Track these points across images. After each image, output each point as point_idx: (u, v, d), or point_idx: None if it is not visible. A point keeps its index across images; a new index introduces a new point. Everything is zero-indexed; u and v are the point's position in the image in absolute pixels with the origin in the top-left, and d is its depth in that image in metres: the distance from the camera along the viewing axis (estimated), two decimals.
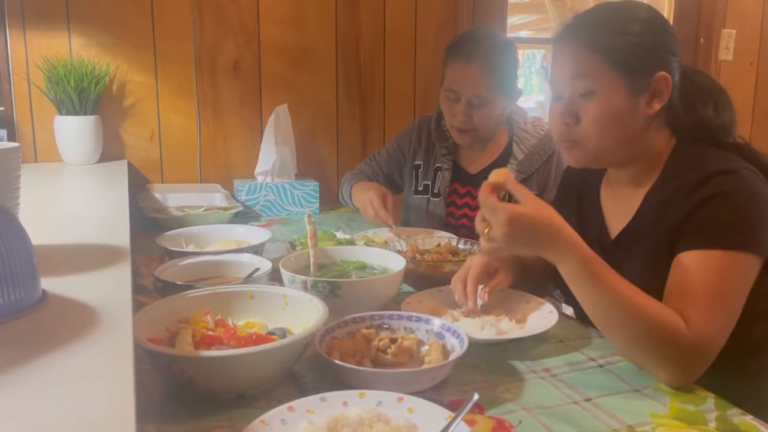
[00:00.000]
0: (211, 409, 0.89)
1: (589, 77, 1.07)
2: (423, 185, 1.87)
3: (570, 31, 1.10)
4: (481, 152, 1.81)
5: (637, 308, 0.95)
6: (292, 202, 2.16)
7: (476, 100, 1.65)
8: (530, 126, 1.77)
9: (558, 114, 1.12)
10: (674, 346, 0.94)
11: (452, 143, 1.83)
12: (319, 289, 1.13)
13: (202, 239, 1.50)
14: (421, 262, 1.34)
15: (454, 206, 1.83)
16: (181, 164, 2.20)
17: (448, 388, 0.96)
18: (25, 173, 1.86)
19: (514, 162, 1.73)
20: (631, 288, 0.97)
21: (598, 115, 1.07)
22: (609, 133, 1.08)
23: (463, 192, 1.83)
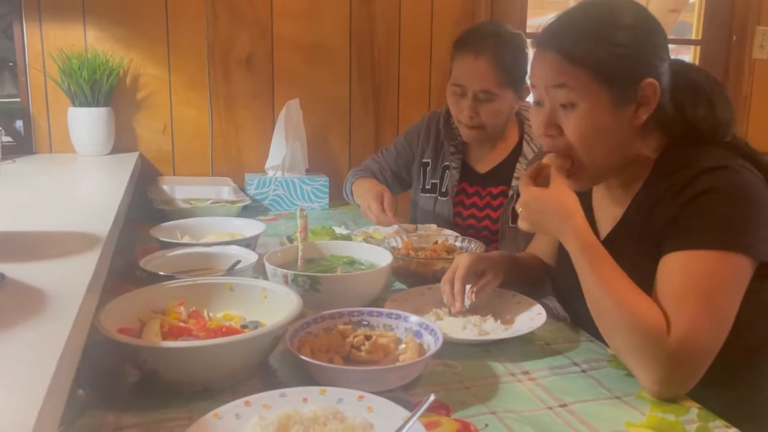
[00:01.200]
0: (174, 401, 0.88)
1: (571, 89, 1.00)
2: (431, 184, 1.82)
3: (550, 39, 1.03)
4: (490, 151, 1.75)
5: (623, 302, 0.92)
6: (302, 197, 2.15)
7: (483, 95, 1.61)
8: None
9: (540, 124, 1.06)
10: (656, 350, 0.89)
11: (461, 141, 1.76)
12: (299, 283, 1.11)
13: (198, 231, 1.50)
14: (412, 260, 1.32)
15: (462, 206, 1.77)
16: (193, 157, 2.21)
17: (419, 388, 0.93)
18: (39, 163, 1.91)
19: (524, 161, 1.67)
20: (626, 283, 0.94)
21: (580, 129, 1.01)
22: (594, 148, 1.02)
23: (471, 192, 1.77)
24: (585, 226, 0.99)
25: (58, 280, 0.82)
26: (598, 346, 1.08)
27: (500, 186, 1.72)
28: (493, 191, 1.73)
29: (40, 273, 0.85)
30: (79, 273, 0.84)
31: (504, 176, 1.71)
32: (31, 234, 1.06)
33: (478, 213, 1.76)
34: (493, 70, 1.59)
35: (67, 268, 0.88)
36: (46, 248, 0.98)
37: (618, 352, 0.97)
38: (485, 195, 1.74)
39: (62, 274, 0.85)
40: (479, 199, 1.76)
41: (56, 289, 0.79)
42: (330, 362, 0.96)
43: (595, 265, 0.96)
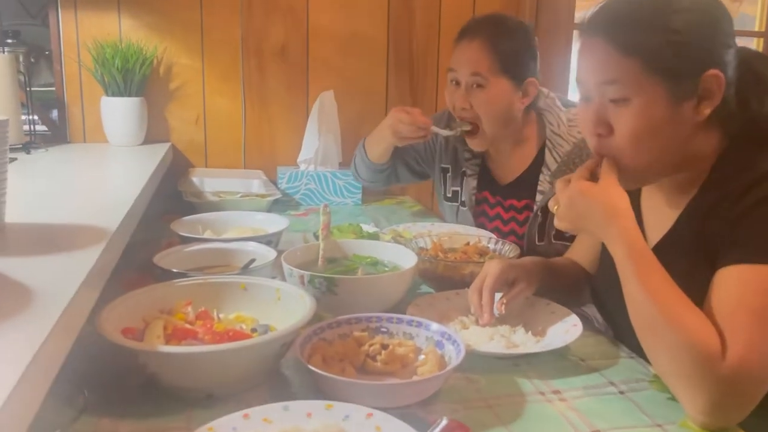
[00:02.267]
0: (173, 408, 0.83)
1: (622, 83, 0.90)
2: (451, 192, 1.70)
3: (597, 26, 0.93)
4: (509, 158, 1.60)
5: (673, 317, 0.82)
6: (334, 192, 2.09)
7: (473, 79, 1.46)
8: (564, 128, 1.51)
9: (588, 122, 0.96)
10: (707, 374, 0.79)
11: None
12: (316, 285, 1.05)
13: (220, 226, 1.45)
14: (440, 262, 1.24)
15: (485, 217, 1.64)
16: (226, 149, 2.17)
17: (437, 404, 0.86)
18: (70, 153, 1.90)
19: (547, 172, 1.51)
20: (677, 296, 0.84)
21: (634, 128, 0.90)
22: (649, 148, 0.92)
23: (493, 202, 1.63)
24: (635, 230, 0.90)
25: (50, 277, 0.78)
26: (639, 364, 0.99)
27: (524, 200, 1.57)
28: (516, 204, 1.59)
29: (32, 268, 0.80)
30: (75, 269, 0.79)
31: (527, 188, 1.55)
32: (37, 226, 1.02)
33: (502, 226, 1.62)
34: (486, 53, 1.45)
35: (63, 263, 0.83)
36: (47, 241, 0.94)
37: (662, 373, 0.87)
38: (509, 207, 1.60)
39: (56, 269, 0.81)
40: (503, 211, 1.62)
41: (44, 286, 0.74)
42: (342, 372, 0.89)
43: (644, 274, 0.86)
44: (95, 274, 0.83)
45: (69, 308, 0.70)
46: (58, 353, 0.66)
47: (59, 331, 0.66)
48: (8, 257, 0.84)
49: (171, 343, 0.88)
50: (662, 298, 0.84)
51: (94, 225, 1.02)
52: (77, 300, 0.74)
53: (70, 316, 0.70)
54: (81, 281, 0.76)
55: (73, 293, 0.72)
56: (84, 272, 0.79)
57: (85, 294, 0.78)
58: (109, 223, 1.03)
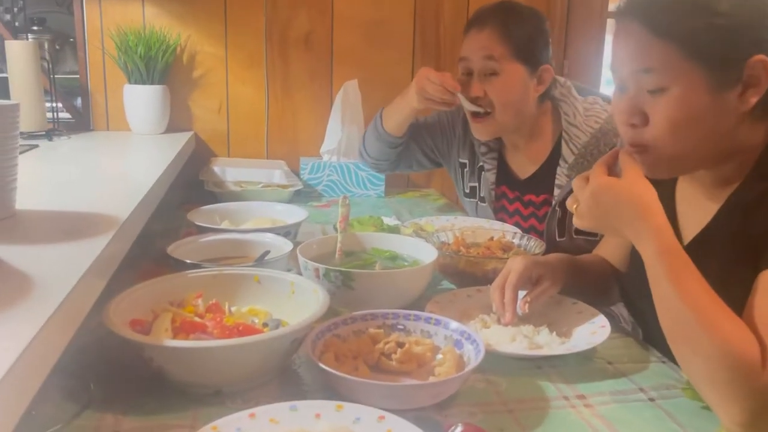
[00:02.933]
0: (179, 404, 0.80)
1: (659, 71, 0.83)
2: (469, 187, 1.64)
3: (634, 8, 0.86)
4: (525, 152, 1.54)
5: (709, 322, 0.76)
6: (357, 184, 2.05)
7: (488, 66, 1.40)
8: (581, 118, 1.44)
9: (622, 112, 0.90)
10: (745, 383, 0.73)
11: (493, 139, 1.58)
12: (331, 279, 1.01)
13: (238, 216, 1.42)
14: (461, 257, 1.19)
15: (505, 212, 1.58)
16: (248, 139, 2.15)
17: (454, 407, 0.81)
18: (92, 140, 1.89)
19: (564, 165, 1.44)
20: (713, 299, 0.78)
21: (671, 118, 0.84)
22: (687, 139, 0.85)
23: (512, 197, 1.57)
24: (666, 227, 0.83)
25: (53, 265, 0.75)
26: (671, 369, 0.93)
27: (542, 194, 1.51)
28: (535, 200, 1.53)
29: (36, 256, 0.78)
30: (81, 257, 0.77)
31: (545, 183, 1.48)
32: (48, 213, 1.00)
33: (522, 222, 1.55)
34: (499, 39, 1.39)
35: (69, 251, 0.81)
36: (56, 229, 0.92)
37: (696, 381, 0.81)
38: (527, 203, 1.54)
39: (61, 257, 0.78)
40: (522, 207, 1.55)
41: (46, 275, 0.71)
42: (355, 371, 0.85)
43: (676, 275, 0.80)
44: (102, 263, 0.80)
45: (70, 297, 0.67)
46: (56, 344, 0.63)
47: (58, 321, 0.63)
48: (13, 245, 0.82)
49: (179, 336, 0.85)
50: (696, 302, 0.78)
51: (104, 213, 1.00)
52: (80, 289, 0.71)
53: (71, 306, 0.67)
54: (85, 270, 0.73)
55: (75, 282, 0.70)
56: (89, 261, 0.76)
57: (90, 283, 0.75)
58: (121, 211, 1.01)
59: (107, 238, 0.85)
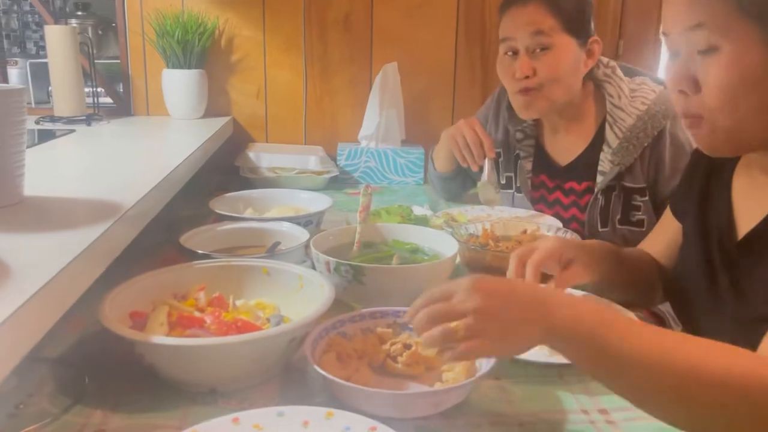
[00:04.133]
0: (171, 403, 0.77)
1: (710, 27, 0.75)
2: (505, 177, 1.55)
3: None
4: (565, 136, 1.44)
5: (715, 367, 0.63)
6: (395, 171, 1.99)
7: (537, 42, 1.30)
8: (626, 100, 1.34)
9: (673, 78, 0.82)
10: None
11: (530, 124, 1.48)
12: (342, 273, 0.96)
13: (262, 204, 1.39)
14: (487, 251, 1.11)
15: (544, 203, 1.48)
16: (287, 123, 2.11)
17: (460, 417, 0.75)
18: (130, 126, 1.89)
19: (609, 151, 1.34)
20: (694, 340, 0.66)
21: (724, 81, 0.76)
22: (742, 106, 0.76)
23: (552, 186, 1.47)
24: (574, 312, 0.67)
25: (36, 255, 0.72)
26: None
27: (585, 182, 1.40)
28: (577, 187, 1.42)
29: (21, 244, 0.75)
30: (68, 246, 0.74)
31: (588, 170, 1.38)
32: (59, 200, 0.98)
33: (563, 212, 1.46)
34: (547, 12, 1.29)
35: (61, 239, 0.78)
36: (58, 216, 0.89)
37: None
38: (568, 191, 1.44)
39: (46, 247, 0.75)
40: (563, 196, 1.45)
41: (26, 264, 0.69)
42: (356, 372, 0.80)
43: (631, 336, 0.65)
44: (93, 252, 0.77)
45: (50, 286, 0.64)
46: (29, 333, 0.60)
47: (31, 310, 0.60)
48: (7, 233, 0.80)
49: (175, 331, 0.81)
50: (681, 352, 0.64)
51: (113, 200, 0.97)
52: (63, 278, 0.68)
53: (49, 294, 0.64)
54: (71, 259, 0.70)
55: (56, 271, 0.67)
56: (76, 250, 0.73)
57: (77, 271, 0.72)
58: (123, 198, 0.98)
59: (102, 227, 0.82)
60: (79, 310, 0.93)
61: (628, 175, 1.33)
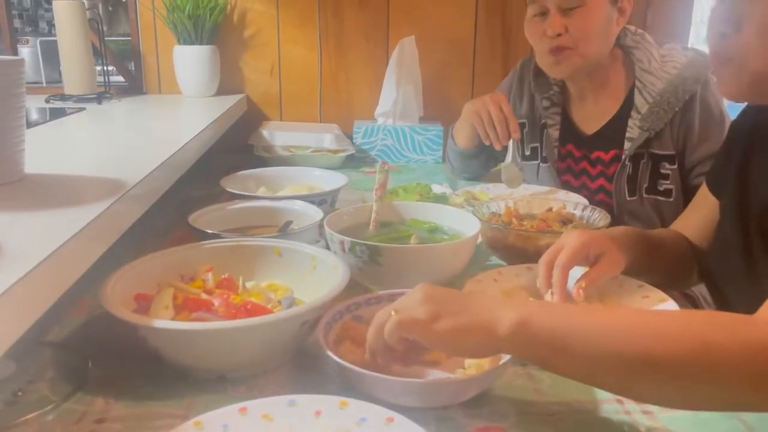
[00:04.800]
0: (177, 390, 0.72)
1: None
2: (530, 149, 1.49)
3: None
4: (593, 103, 1.38)
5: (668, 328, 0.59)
6: (412, 149, 1.92)
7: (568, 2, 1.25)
8: (656, 64, 1.30)
9: (713, 20, 0.79)
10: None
11: (557, 92, 1.43)
12: (357, 254, 0.91)
13: (275, 182, 1.34)
14: (510, 231, 1.05)
15: (570, 173, 1.43)
16: (301, 101, 2.06)
17: (485, 407, 0.70)
18: (141, 104, 1.85)
19: (637, 116, 1.30)
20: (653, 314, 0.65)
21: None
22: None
23: (579, 155, 1.42)
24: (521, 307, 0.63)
25: (32, 234, 0.68)
26: None
27: (612, 150, 1.35)
28: (604, 156, 1.37)
29: (17, 223, 0.71)
30: (66, 225, 0.69)
31: (615, 137, 1.34)
32: (61, 178, 0.94)
33: (589, 183, 1.41)
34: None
35: (55, 219, 0.73)
36: (59, 195, 0.85)
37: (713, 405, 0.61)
38: (595, 161, 1.39)
39: (43, 226, 0.71)
40: (589, 166, 1.40)
41: (18, 244, 0.64)
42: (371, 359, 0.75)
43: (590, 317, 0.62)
44: (93, 231, 0.73)
45: (43, 266, 0.60)
46: (21, 316, 0.56)
47: (23, 291, 0.56)
48: (5, 211, 0.76)
49: (181, 314, 0.77)
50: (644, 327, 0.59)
51: (117, 178, 0.93)
52: (59, 258, 0.64)
53: (44, 275, 0.60)
54: (68, 237, 0.66)
55: (51, 250, 0.62)
56: (76, 228, 0.69)
57: (75, 251, 0.68)
58: (126, 176, 0.93)
59: (105, 205, 0.78)
60: (85, 292, 0.90)
61: (657, 141, 1.29)
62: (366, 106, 2.03)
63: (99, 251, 0.76)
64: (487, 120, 1.39)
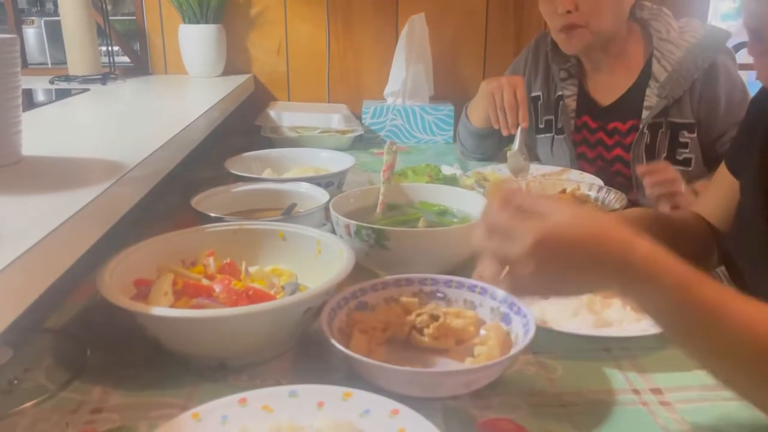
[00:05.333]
0: (177, 379, 0.70)
1: None
2: (545, 122, 1.47)
3: None
4: (610, 75, 1.37)
5: None
6: (423, 129, 1.88)
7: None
8: (674, 34, 1.29)
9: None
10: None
11: (574, 64, 1.42)
12: (363, 237, 0.88)
13: (281, 164, 1.31)
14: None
15: (586, 144, 1.42)
16: (309, 81, 2.02)
17: (496, 397, 0.67)
18: (146, 84, 1.82)
19: (655, 85, 1.29)
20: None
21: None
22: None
23: (594, 127, 1.40)
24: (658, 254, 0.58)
25: (26, 217, 0.66)
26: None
27: (629, 120, 1.35)
28: (621, 127, 1.36)
29: (12, 206, 0.69)
30: (62, 208, 0.67)
31: (632, 107, 1.33)
32: (60, 160, 0.91)
33: (606, 153, 1.40)
34: None
35: (51, 202, 0.71)
36: (56, 177, 0.82)
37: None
38: (612, 132, 1.38)
39: (38, 209, 0.69)
40: (606, 137, 1.39)
41: (11, 228, 0.62)
42: (378, 346, 0.73)
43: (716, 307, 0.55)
44: (89, 214, 0.70)
45: (36, 250, 0.58)
46: (13, 301, 0.54)
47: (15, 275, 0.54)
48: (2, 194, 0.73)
49: (181, 301, 0.74)
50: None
51: (116, 160, 0.90)
52: (52, 242, 0.61)
53: (37, 259, 0.58)
54: (63, 220, 0.64)
55: (44, 234, 0.60)
56: (71, 211, 0.67)
57: (70, 234, 0.65)
58: (124, 158, 0.91)
59: (103, 187, 0.75)
60: (84, 277, 0.88)
61: (676, 109, 1.28)
62: (375, 86, 1.99)
63: (97, 234, 0.74)
64: (500, 104, 1.37)
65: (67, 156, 0.94)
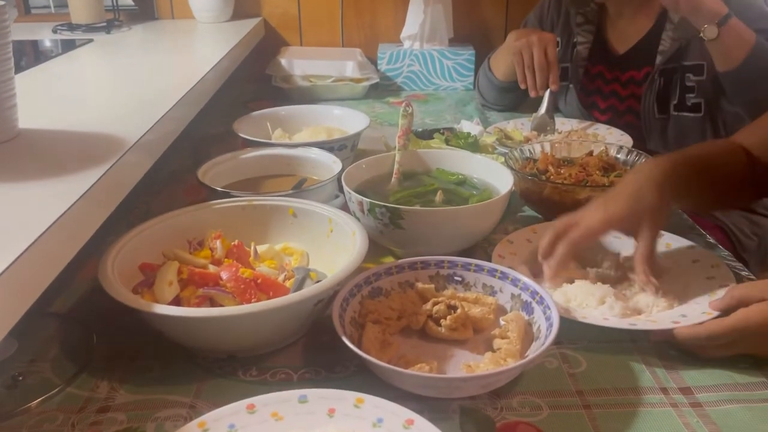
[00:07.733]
0: (185, 373, 0.68)
1: None
2: (561, 69, 1.39)
3: None
4: (630, 23, 1.32)
5: None
6: (441, 75, 1.80)
7: None
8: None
9: None
10: None
11: (593, 8, 1.35)
12: (377, 216, 0.83)
13: (292, 123, 1.24)
14: (545, 183, 0.96)
15: (599, 95, 1.38)
16: (322, 24, 1.92)
17: (515, 396, 0.64)
18: (151, 32, 1.74)
19: (670, 27, 1.25)
20: None
21: None
22: None
23: (610, 77, 1.36)
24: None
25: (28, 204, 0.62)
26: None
27: (645, 68, 1.30)
28: (636, 75, 1.32)
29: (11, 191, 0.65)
30: (64, 193, 0.63)
31: (648, 54, 1.28)
32: (59, 134, 0.86)
33: (618, 105, 1.37)
34: None
35: (52, 185, 0.67)
36: (54, 156, 0.78)
37: None
38: (627, 82, 1.34)
39: (40, 194, 0.65)
40: (620, 87, 1.35)
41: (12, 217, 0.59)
42: (393, 338, 0.70)
43: None
44: (95, 196, 0.67)
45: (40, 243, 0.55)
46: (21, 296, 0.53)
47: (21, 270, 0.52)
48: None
49: (187, 290, 0.71)
50: None
51: (121, 131, 0.85)
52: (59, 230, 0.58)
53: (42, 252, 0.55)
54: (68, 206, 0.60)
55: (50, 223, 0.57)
56: (75, 196, 0.63)
57: (76, 220, 0.62)
58: (140, 128, 0.86)
59: (100, 171, 0.71)
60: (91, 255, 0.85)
61: (688, 52, 1.24)
62: (391, 29, 1.90)
63: (103, 216, 0.70)
64: (528, 63, 1.30)
65: (70, 127, 0.89)
